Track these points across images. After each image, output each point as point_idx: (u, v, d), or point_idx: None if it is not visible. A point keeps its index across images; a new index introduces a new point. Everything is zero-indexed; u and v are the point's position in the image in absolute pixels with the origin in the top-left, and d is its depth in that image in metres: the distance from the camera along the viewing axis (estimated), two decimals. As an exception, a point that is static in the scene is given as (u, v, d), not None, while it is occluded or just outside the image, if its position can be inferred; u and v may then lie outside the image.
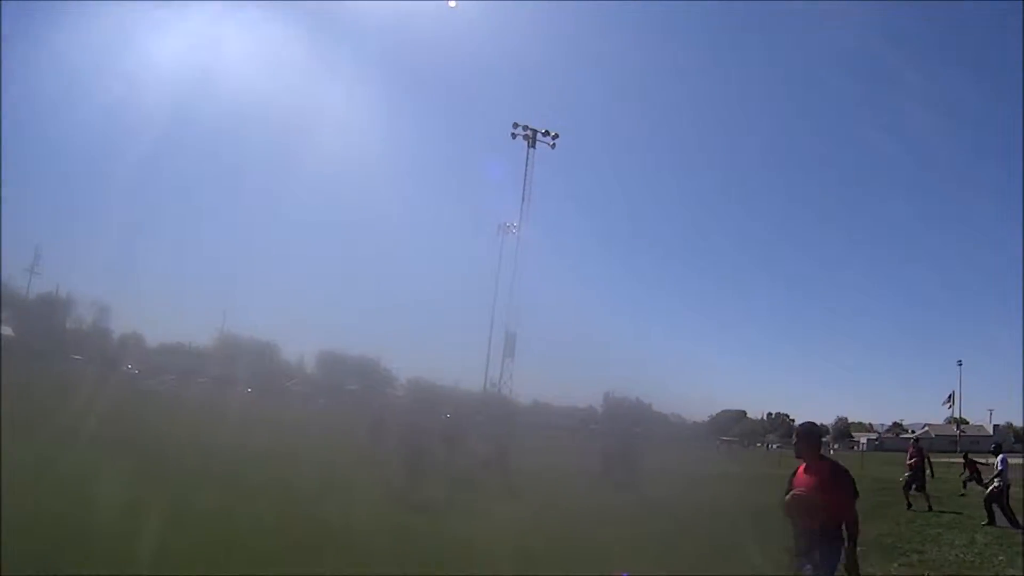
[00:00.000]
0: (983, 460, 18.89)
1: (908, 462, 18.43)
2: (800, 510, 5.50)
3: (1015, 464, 16.63)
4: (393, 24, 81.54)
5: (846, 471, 5.59)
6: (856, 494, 5.50)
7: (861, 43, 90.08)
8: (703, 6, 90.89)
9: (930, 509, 17.08)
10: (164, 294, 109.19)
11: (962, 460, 21.98)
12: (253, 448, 19.00)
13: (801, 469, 5.72)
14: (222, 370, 66.92)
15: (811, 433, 5.86)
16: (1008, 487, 15.30)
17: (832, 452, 63.13)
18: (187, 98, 75.33)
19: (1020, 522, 14.47)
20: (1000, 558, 10.97)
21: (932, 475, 18.54)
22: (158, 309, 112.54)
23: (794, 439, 5.86)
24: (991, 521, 14.77)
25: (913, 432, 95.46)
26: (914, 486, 17.90)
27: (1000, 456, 15.81)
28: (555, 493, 17.04)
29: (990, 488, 15.50)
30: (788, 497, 5.60)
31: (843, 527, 5.35)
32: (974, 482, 19.88)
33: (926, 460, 18.25)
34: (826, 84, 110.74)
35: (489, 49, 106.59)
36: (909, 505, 17.33)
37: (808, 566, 5.38)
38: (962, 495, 20.74)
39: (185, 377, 61.94)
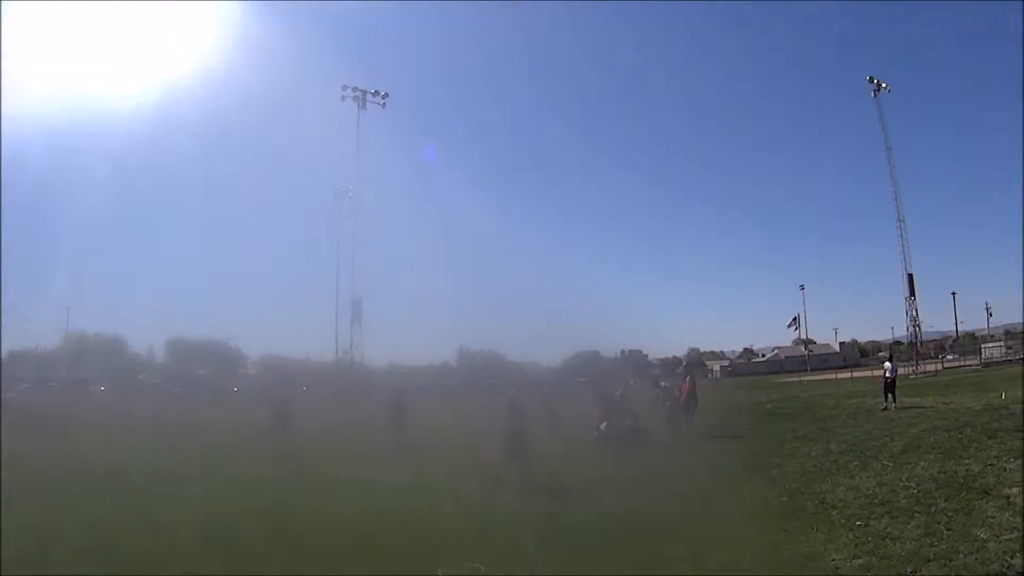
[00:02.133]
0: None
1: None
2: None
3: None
4: None
5: None
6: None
7: None
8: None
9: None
10: (4, 298, 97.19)
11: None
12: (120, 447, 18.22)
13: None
14: (73, 372, 62.33)
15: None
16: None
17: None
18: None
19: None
20: (854, 463, 10.86)
21: (697, 402, 18.40)
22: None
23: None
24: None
25: (763, 356, 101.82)
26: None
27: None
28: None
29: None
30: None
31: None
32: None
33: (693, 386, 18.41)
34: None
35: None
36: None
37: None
38: None
39: (38, 384, 56.59)
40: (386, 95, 52.40)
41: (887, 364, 21.83)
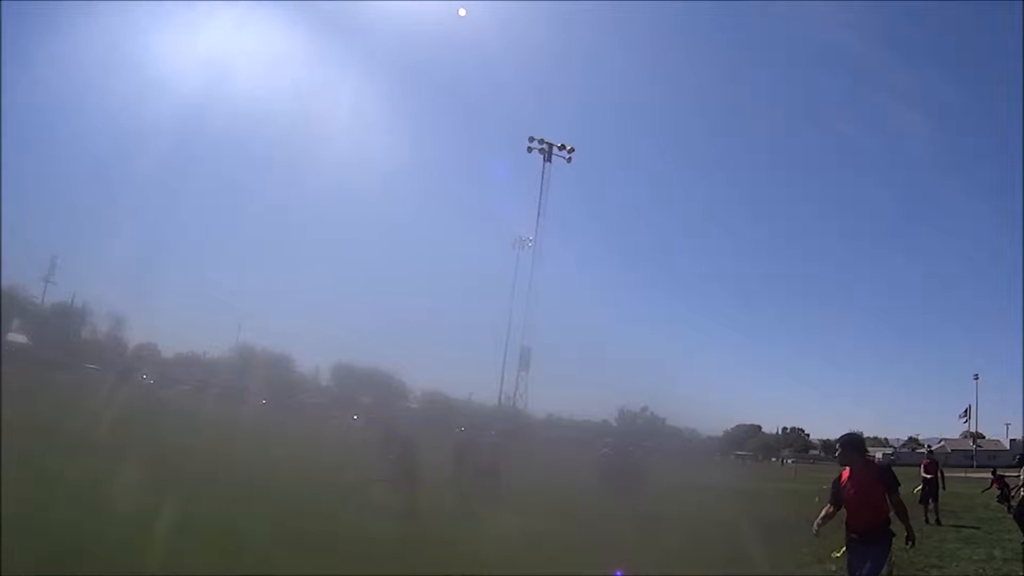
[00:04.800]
0: (1014, 474, 17.93)
1: (923, 476, 18.09)
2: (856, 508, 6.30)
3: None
4: (406, 29, 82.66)
5: (888, 468, 6.65)
6: (898, 484, 6.40)
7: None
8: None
9: (938, 523, 16.86)
10: (180, 305, 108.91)
11: (990, 475, 20.77)
12: (266, 458, 19.07)
13: (846, 473, 6.49)
14: (237, 381, 66.46)
15: (856, 441, 6.65)
16: None
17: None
18: (199, 103, 76.12)
19: None
20: (1020, 573, 10.75)
21: (944, 488, 18.26)
22: (173, 320, 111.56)
23: (839, 448, 6.57)
24: None
25: (929, 447, 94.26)
26: (929, 500, 17.58)
27: None
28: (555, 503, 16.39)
29: (1020, 500, 13.99)
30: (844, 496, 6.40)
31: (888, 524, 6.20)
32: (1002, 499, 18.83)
33: (939, 473, 17.99)
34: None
35: (502, 59, 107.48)
36: (927, 520, 16.96)
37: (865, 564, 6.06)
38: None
39: (200, 388, 61.68)
40: (572, 150, 54.61)
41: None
